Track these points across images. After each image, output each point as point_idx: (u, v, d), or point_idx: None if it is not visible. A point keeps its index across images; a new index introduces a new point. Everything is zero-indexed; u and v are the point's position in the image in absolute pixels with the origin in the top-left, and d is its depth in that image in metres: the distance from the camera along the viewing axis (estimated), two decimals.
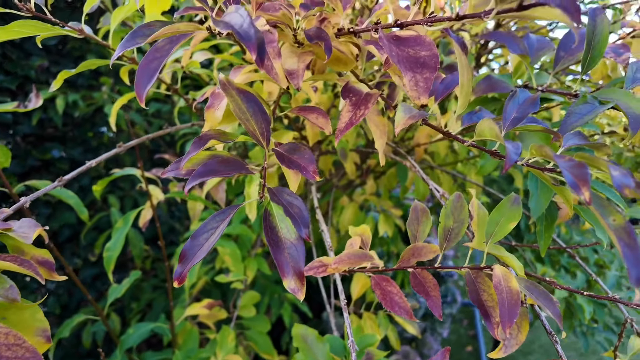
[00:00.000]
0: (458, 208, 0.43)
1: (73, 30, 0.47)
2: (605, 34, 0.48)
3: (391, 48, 0.32)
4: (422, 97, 0.31)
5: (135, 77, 0.28)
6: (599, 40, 0.48)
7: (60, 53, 1.73)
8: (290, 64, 0.42)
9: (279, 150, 0.39)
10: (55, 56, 1.71)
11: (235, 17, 0.28)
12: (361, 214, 1.18)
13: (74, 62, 1.72)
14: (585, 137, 0.36)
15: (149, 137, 0.56)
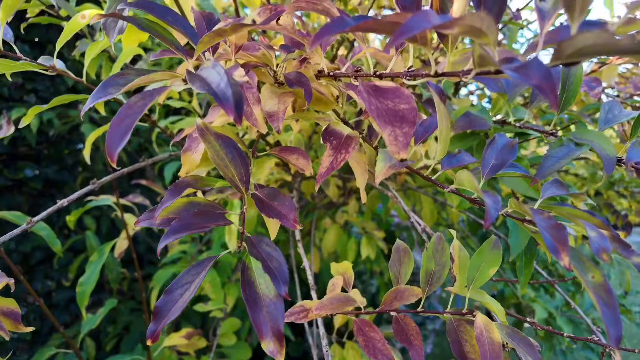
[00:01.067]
0: (439, 251, 0.43)
1: (44, 67, 0.45)
2: (579, 77, 0.50)
3: (370, 101, 0.32)
4: (402, 152, 0.30)
5: (107, 135, 0.26)
6: (572, 81, 0.49)
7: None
8: (270, 106, 0.42)
9: (259, 195, 0.38)
10: (30, 73, 1.67)
11: (213, 74, 0.27)
12: (344, 235, 1.18)
13: (50, 79, 1.68)
14: (563, 185, 0.36)
15: (125, 172, 0.55)
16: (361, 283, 2.10)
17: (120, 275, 1.39)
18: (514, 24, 0.78)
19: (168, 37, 0.32)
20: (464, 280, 0.41)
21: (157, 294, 1.06)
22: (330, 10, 0.31)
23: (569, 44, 0.20)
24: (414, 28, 0.19)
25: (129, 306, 1.70)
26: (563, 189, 0.36)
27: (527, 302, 1.07)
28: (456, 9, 0.28)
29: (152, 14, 0.32)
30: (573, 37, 0.19)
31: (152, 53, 0.69)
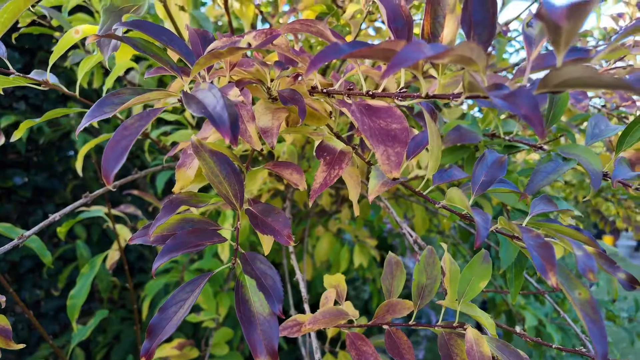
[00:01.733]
0: (431, 264, 0.43)
1: (37, 81, 0.45)
2: (566, 94, 0.51)
3: (363, 121, 0.32)
4: (394, 172, 0.31)
5: (103, 156, 0.27)
6: (560, 97, 0.51)
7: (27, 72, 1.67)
8: (264, 122, 0.42)
9: (253, 211, 0.39)
10: None
11: (209, 97, 0.27)
12: (337, 244, 1.18)
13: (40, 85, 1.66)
14: (551, 201, 0.37)
15: (118, 185, 0.55)
16: (354, 289, 2.10)
17: (111, 285, 1.38)
18: (501, 37, 0.79)
19: (163, 57, 0.32)
20: (454, 293, 0.41)
21: (148, 304, 1.05)
22: (324, 33, 0.32)
23: (555, 74, 0.21)
24: (407, 60, 0.20)
25: (119, 315, 1.68)
26: (551, 205, 0.37)
27: (518, 309, 1.09)
28: (447, 34, 0.29)
29: (147, 34, 0.32)
30: (560, 69, 0.20)
31: (146, 67, 0.69)
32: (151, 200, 0.87)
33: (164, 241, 0.35)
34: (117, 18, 0.43)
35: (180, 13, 0.55)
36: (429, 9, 0.29)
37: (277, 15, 0.97)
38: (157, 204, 0.90)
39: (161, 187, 0.98)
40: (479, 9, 0.27)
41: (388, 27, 0.32)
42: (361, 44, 0.25)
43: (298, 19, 0.31)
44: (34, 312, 1.69)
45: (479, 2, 0.27)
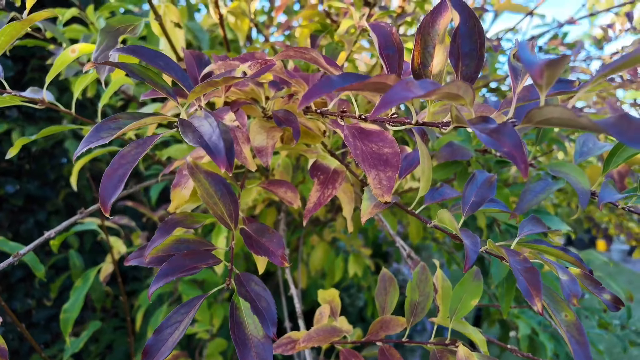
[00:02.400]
0: (423, 281, 0.44)
1: (33, 100, 0.45)
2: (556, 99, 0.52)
3: (356, 145, 0.33)
4: (386, 196, 0.32)
5: (101, 184, 0.27)
6: None
7: (17, 84, 1.66)
8: (259, 141, 0.43)
9: (248, 231, 0.39)
10: (13, 87, 1.64)
11: (205, 126, 0.28)
12: (331, 253, 1.18)
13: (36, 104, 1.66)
14: (540, 221, 0.38)
15: None
16: (349, 297, 2.10)
17: (104, 294, 1.37)
18: (491, 51, 0.81)
19: (159, 82, 0.33)
20: (446, 310, 0.42)
21: (142, 314, 1.05)
22: (317, 60, 0.33)
23: (538, 113, 0.21)
24: (396, 100, 0.21)
25: (112, 324, 1.66)
26: (540, 225, 0.38)
27: (512, 318, 1.09)
28: (436, 64, 0.30)
29: (143, 59, 0.33)
30: (541, 108, 0.21)
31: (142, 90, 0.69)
32: (145, 211, 0.87)
33: (159, 263, 0.35)
34: (114, 38, 0.43)
35: (175, 29, 0.55)
36: (419, 39, 0.30)
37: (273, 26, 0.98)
38: (151, 215, 0.90)
39: (155, 197, 0.98)
40: (467, 41, 0.28)
41: (379, 55, 0.33)
42: (353, 76, 0.26)
43: (293, 46, 0.32)
44: (25, 321, 1.67)
45: (467, 34, 0.28)
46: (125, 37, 0.42)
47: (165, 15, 0.54)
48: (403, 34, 0.67)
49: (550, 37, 1.11)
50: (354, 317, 2.05)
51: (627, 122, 0.18)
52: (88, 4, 1.25)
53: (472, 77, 0.28)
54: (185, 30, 0.95)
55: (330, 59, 0.33)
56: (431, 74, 0.30)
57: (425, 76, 0.30)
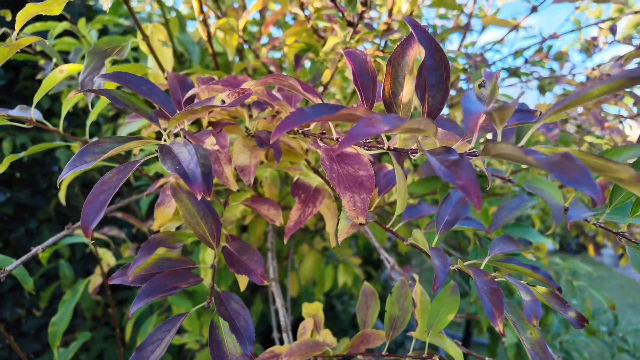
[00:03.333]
0: (403, 295, 0.45)
1: (21, 119, 0.46)
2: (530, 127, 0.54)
3: (332, 168, 0.34)
4: (360, 218, 0.33)
5: (83, 211, 0.28)
6: (526, 132, 0.54)
7: (9, 92, 1.66)
8: (242, 160, 0.44)
9: (230, 250, 0.40)
10: (4, 96, 1.65)
11: (183, 152, 0.29)
12: (321, 262, 1.19)
13: (24, 102, 1.66)
14: (511, 240, 0.39)
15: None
16: (341, 304, 2.11)
17: (94, 304, 1.37)
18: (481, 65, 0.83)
19: (142, 108, 0.34)
20: (424, 325, 0.43)
21: (132, 324, 1.05)
22: (295, 87, 0.34)
23: (492, 147, 0.23)
24: (361, 135, 0.22)
25: (102, 333, 1.66)
26: (512, 244, 0.39)
27: None
28: (405, 93, 0.31)
29: (126, 85, 0.34)
30: (496, 144, 0.22)
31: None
32: (135, 222, 0.88)
33: (142, 281, 0.36)
34: (101, 60, 0.44)
35: (163, 48, 0.56)
36: (390, 69, 0.31)
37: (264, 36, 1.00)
38: (141, 226, 0.90)
39: (145, 208, 0.99)
40: (434, 74, 0.29)
41: (354, 83, 0.34)
42: (325, 109, 0.28)
43: (272, 74, 0.34)
44: (14, 330, 1.66)
45: (433, 67, 0.29)
46: (112, 59, 0.43)
47: (153, 35, 0.55)
48: (389, 51, 0.69)
49: (536, 50, 1.13)
50: (346, 323, 2.05)
51: (569, 162, 0.20)
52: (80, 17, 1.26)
53: (439, 107, 0.29)
54: (177, 42, 0.96)
55: (308, 86, 0.35)
56: (401, 103, 0.31)
57: (396, 105, 0.32)
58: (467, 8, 1.10)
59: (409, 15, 0.83)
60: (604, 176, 0.25)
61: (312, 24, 0.61)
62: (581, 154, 0.24)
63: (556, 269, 0.98)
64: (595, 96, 0.23)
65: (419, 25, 0.30)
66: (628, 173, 0.23)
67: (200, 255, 0.66)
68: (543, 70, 1.33)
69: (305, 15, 0.70)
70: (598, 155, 0.23)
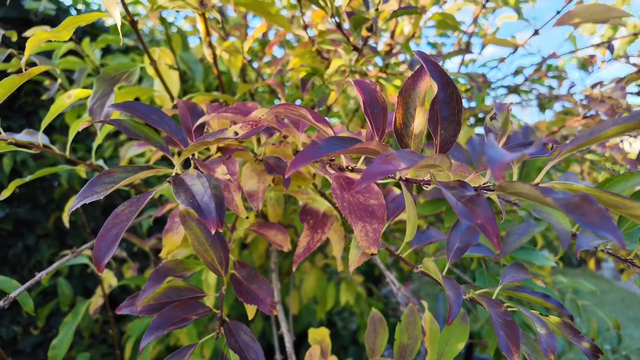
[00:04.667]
0: (412, 323, 0.45)
1: (29, 144, 0.46)
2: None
3: (343, 197, 0.34)
4: (372, 248, 0.33)
5: (95, 245, 0.28)
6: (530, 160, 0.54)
7: (10, 108, 1.67)
8: (250, 185, 0.44)
9: (238, 277, 0.40)
10: (6, 111, 1.65)
11: (197, 185, 0.29)
12: (323, 280, 1.18)
13: (26, 118, 1.66)
14: (522, 267, 0.39)
15: None
16: (341, 320, 2.09)
17: (93, 322, 1.35)
18: (483, 86, 0.83)
19: (152, 138, 0.34)
20: (434, 353, 0.43)
21: (132, 344, 1.03)
22: (306, 116, 0.34)
23: (509, 186, 0.23)
24: (379, 174, 0.22)
25: (100, 351, 1.63)
26: (522, 272, 0.39)
27: None
28: (417, 125, 0.32)
29: (136, 115, 0.34)
30: (512, 183, 0.23)
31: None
32: (136, 242, 0.87)
33: (151, 311, 0.36)
34: (110, 86, 0.44)
35: (170, 71, 0.57)
36: (401, 101, 0.32)
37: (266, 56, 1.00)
38: (142, 245, 0.90)
39: (146, 226, 0.98)
40: (446, 107, 0.30)
41: (364, 112, 0.34)
42: (338, 142, 0.28)
43: (282, 104, 0.34)
44: (10, 348, 1.63)
45: (445, 100, 0.30)
46: (121, 85, 0.43)
47: (160, 59, 0.55)
48: (391, 72, 0.70)
49: (535, 69, 1.14)
50: (347, 340, 2.03)
51: (588, 205, 0.20)
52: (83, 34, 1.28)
53: (451, 140, 0.30)
54: (180, 60, 0.97)
55: (318, 115, 0.35)
56: (413, 134, 0.32)
57: (407, 136, 0.32)
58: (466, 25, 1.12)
59: (411, 37, 0.84)
60: (620, 212, 0.25)
61: (316, 48, 0.62)
62: (597, 192, 0.24)
63: (560, 288, 0.98)
64: (610, 136, 0.23)
65: (430, 59, 0.30)
66: None
67: (203, 276, 0.66)
68: (542, 87, 1.34)
69: (310, 37, 0.71)
70: (614, 193, 0.23)
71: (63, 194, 1.79)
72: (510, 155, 0.18)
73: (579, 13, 0.67)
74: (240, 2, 0.58)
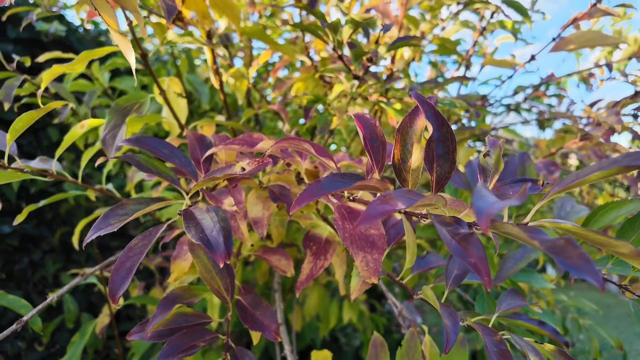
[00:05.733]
0: (412, 348, 0.46)
1: (43, 171, 0.48)
2: (533, 175, 0.56)
3: (344, 227, 0.36)
4: (373, 278, 0.34)
5: (110, 278, 0.29)
6: (528, 174, 0.55)
7: None
8: (255, 212, 0.45)
9: (243, 303, 0.41)
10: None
11: (206, 219, 0.31)
12: (326, 298, 1.19)
13: (34, 135, 1.70)
14: (519, 294, 0.40)
15: (113, 259, 0.57)
16: (345, 336, 2.08)
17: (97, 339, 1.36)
18: (481, 109, 0.85)
19: (164, 172, 0.36)
20: None
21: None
22: (309, 150, 0.36)
23: (500, 226, 0.25)
24: (379, 215, 0.24)
25: None
26: (519, 298, 0.40)
27: None
28: (414, 160, 0.33)
29: (147, 150, 0.36)
30: (503, 224, 0.24)
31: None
32: (143, 261, 0.89)
33: (160, 337, 0.37)
34: (122, 117, 0.47)
35: (178, 99, 0.59)
36: (399, 138, 0.33)
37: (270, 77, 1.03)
38: (147, 264, 0.91)
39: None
40: (441, 145, 0.31)
41: (365, 146, 0.36)
42: (340, 179, 0.29)
43: (287, 138, 0.36)
44: None
45: (440, 139, 0.31)
46: (133, 117, 0.46)
47: (169, 87, 0.58)
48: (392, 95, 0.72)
49: (534, 89, 1.17)
50: (350, 356, 2.02)
51: (572, 248, 0.21)
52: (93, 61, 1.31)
53: (447, 176, 0.31)
54: (186, 82, 1.00)
55: (321, 149, 0.37)
56: (410, 169, 0.33)
57: (405, 170, 0.33)
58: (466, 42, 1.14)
59: (412, 60, 0.86)
60: (606, 250, 0.26)
61: (319, 75, 0.64)
62: (584, 232, 0.25)
63: (562, 306, 0.98)
64: (594, 180, 0.24)
65: (426, 100, 0.32)
66: (627, 249, 0.25)
67: (209, 299, 0.67)
68: (542, 105, 1.36)
69: (313, 63, 0.73)
70: (600, 233, 0.25)
71: (69, 210, 1.81)
72: (497, 205, 0.19)
73: (574, 40, 0.69)
74: (246, 32, 0.60)
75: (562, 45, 0.70)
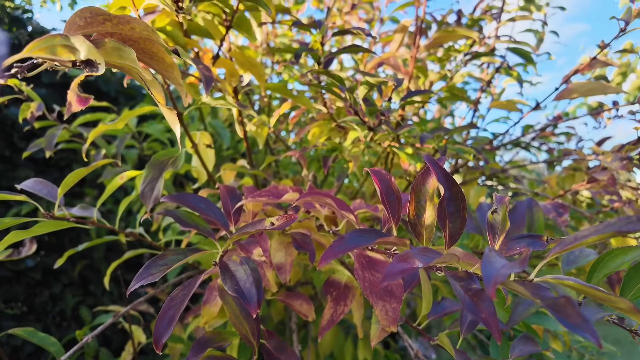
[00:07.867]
0: None
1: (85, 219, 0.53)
2: (540, 221, 0.58)
3: (364, 277, 0.39)
4: (392, 326, 0.37)
5: (155, 325, 0.33)
6: (535, 218, 0.58)
7: (46, 163, 1.79)
8: (278, 258, 0.49)
9: (268, 348, 0.44)
10: (42, 166, 1.77)
11: (240, 271, 0.34)
12: (340, 335, 1.19)
13: (60, 172, 1.78)
14: (531, 339, 0.42)
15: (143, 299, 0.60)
16: None
17: None
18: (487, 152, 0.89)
19: (202, 225, 0.40)
20: None
21: None
22: (332, 205, 0.40)
23: (508, 283, 0.27)
24: (399, 273, 0.27)
25: None
26: (531, 344, 0.42)
27: None
28: (428, 216, 0.37)
29: (186, 206, 0.40)
30: (509, 282, 0.27)
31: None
32: (162, 297, 0.92)
33: None
34: (159, 171, 0.51)
35: (207, 150, 0.64)
36: (413, 195, 0.37)
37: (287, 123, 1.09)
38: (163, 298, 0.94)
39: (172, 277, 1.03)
40: (452, 204, 0.35)
41: (381, 201, 0.40)
42: (361, 236, 0.33)
43: (311, 192, 0.39)
44: None
45: (451, 198, 0.35)
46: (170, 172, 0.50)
47: (200, 140, 0.63)
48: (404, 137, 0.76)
49: (541, 129, 1.20)
50: None
51: (571, 307, 0.24)
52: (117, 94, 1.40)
53: (458, 232, 0.34)
54: (208, 126, 1.06)
55: (342, 203, 0.40)
56: (424, 224, 0.36)
57: (420, 225, 0.37)
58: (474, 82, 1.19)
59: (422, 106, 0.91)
60: (606, 305, 0.29)
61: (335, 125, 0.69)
62: (586, 288, 0.28)
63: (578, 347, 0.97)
64: (591, 242, 0.27)
65: (436, 162, 0.36)
66: (625, 304, 0.27)
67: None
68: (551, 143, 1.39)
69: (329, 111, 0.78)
70: (601, 290, 0.28)
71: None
72: (503, 272, 0.22)
73: (577, 89, 0.73)
74: (270, 88, 0.66)
75: (565, 95, 0.74)
